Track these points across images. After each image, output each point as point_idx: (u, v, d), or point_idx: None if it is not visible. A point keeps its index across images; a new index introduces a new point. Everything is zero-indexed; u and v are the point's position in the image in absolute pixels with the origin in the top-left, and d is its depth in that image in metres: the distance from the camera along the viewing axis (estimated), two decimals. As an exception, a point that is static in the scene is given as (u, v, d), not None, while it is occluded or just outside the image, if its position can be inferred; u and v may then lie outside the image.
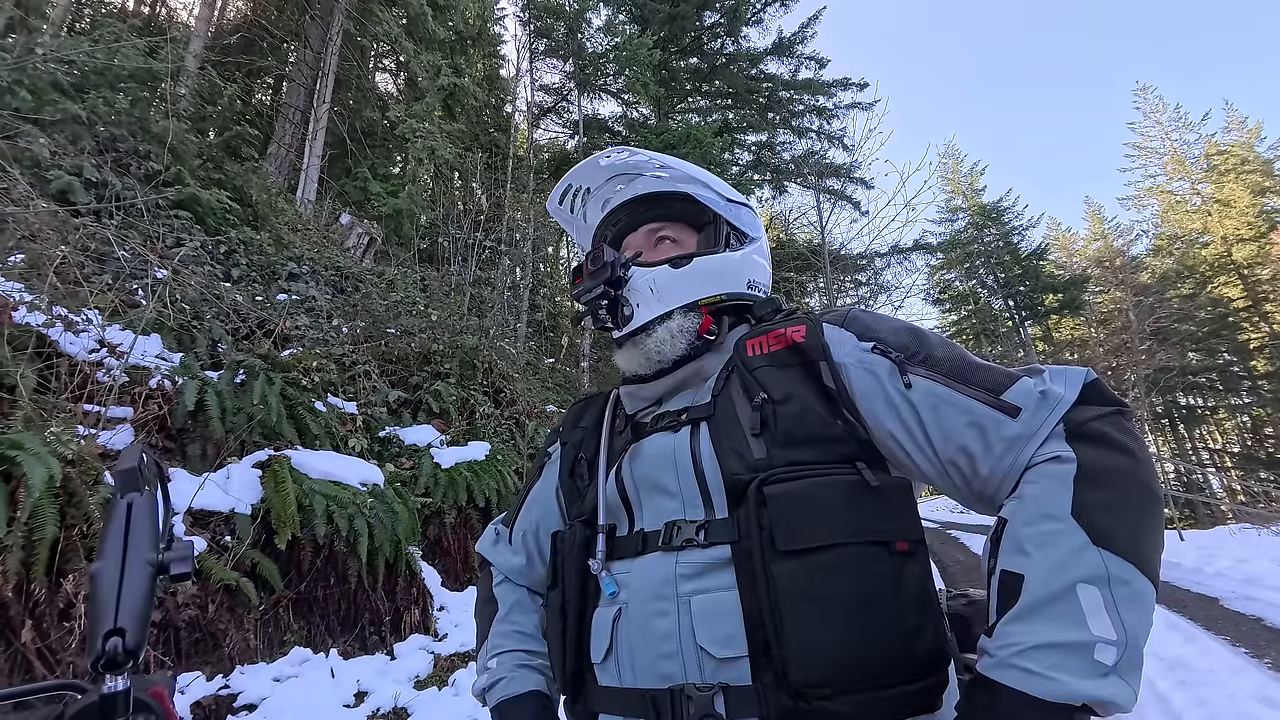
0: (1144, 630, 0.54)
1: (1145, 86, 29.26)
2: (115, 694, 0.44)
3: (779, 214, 18.60)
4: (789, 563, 0.63)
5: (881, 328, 0.77)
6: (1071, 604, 0.54)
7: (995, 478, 0.65)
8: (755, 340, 0.81)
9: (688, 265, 0.87)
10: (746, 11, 14.09)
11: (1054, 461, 0.61)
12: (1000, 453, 0.64)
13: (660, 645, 0.68)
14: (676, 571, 0.70)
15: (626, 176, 0.95)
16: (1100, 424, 0.62)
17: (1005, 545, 0.60)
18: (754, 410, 0.74)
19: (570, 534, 0.83)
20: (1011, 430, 0.64)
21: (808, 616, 0.61)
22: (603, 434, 0.89)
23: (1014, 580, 0.57)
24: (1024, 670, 0.53)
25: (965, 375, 0.69)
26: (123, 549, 0.46)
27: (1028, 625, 0.55)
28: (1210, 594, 5.84)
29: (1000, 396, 0.65)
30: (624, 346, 0.88)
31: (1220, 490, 26.46)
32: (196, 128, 6.39)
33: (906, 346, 0.73)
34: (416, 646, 3.41)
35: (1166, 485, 24.65)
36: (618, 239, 0.97)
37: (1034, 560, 0.57)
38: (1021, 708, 0.52)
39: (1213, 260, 25.68)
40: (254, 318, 4.50)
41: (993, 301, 28.33)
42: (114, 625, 0.43)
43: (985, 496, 0.67)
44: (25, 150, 4.20)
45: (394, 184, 9.73)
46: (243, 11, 11.15)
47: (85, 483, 2.42)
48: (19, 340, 2.79)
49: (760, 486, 0.67)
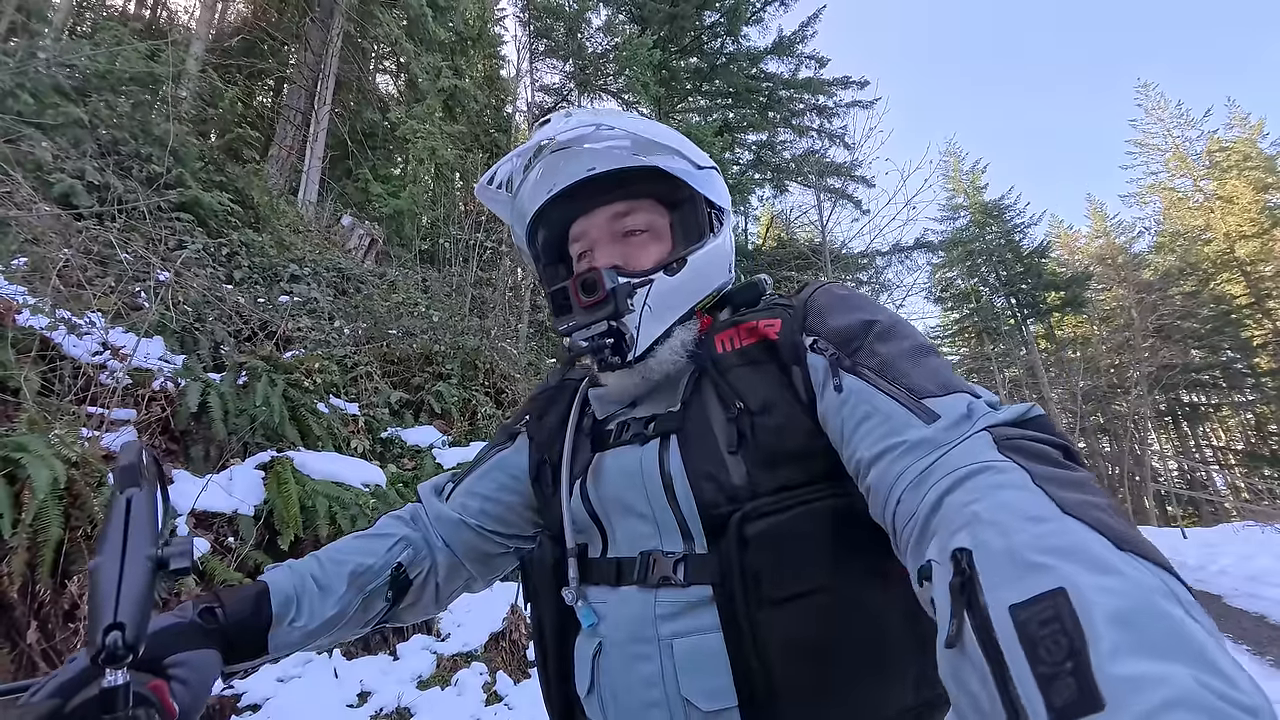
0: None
1: (1147, 83, 29.25)
2: (115, 688, 0.44)
3: (780, 213, 18.60)
4: (777, 611, 0.57)
5: (831, 316, 0.66)
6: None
7: (884, 494, 0.52)
8: (726, 334, 0.71)
9: (683, 269, 0.73)
10: (746, 11, 14.06)
11: (992, 471, 0.45)
12: (892, 460, 0.52)
13: (644, 693, 0.62)
14: (655, 611, 0.63)
15: (571, 149, 0.74)
16: (1042, 446, 0.48)
17: (997, 569, 0.37)
18: (729, 422, 0.65)
19: (540, 554, 0.75)
20: (916, 434, 0.52)
21: (800, 666, 0.56)
22: (566, 440, 0.77)
23: (1050, 605, 0.32)
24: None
25: (896, 373, 0.58)
26: (122, 544, 0.46)
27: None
28: (1213, 591, 5.84)
29: (922, 400, 0.55)
30: (616, 370, 0.73)
31: (1224, 488, 26.38)
32: (198, 130, 6.42)
33: (846, 340, 0.63)
34: (419, 647, 3.41)
35: (1170, 483, 24.60)
36: (565, 224, 0.79)
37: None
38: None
39: (1215, 257, 25.62)
40: (256, 319, 4.51)
41: (995, 299, 28.29)
42: (114, 619, 0.43)
43: (886, 526, 0.54)
44: (28, 154, 4.22)
45: (395, 185, 9.74)
46: (243, 14, 11.18)
47: (89, 484, 2.43)
48: (23, 343, 2.81)
49: (742, 524, 0.59)
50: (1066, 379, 25.90)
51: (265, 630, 0.69)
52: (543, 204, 0.77)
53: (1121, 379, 25.25)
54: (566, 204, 0.76)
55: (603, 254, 0.75)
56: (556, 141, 0.73)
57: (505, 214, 0.84)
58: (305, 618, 0.72)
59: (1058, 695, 0.28)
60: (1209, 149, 27.27)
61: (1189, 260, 26.22)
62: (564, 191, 0.75)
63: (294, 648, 0.72)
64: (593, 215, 0.76)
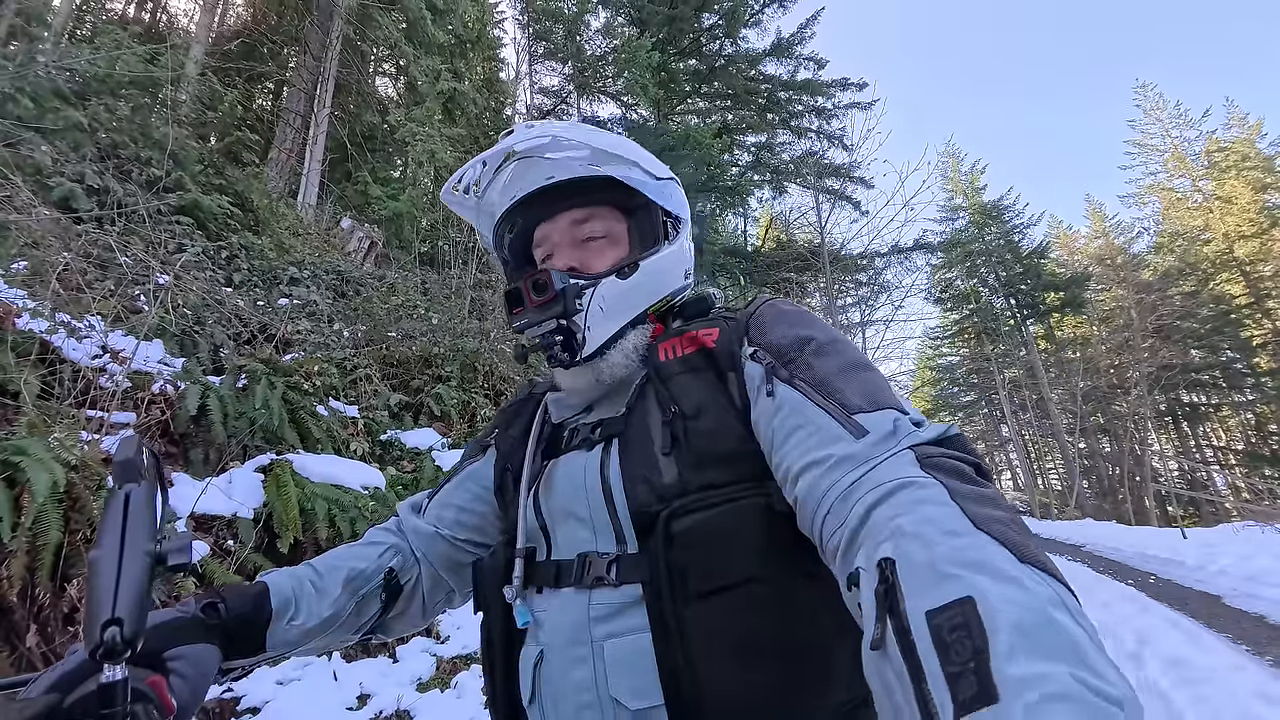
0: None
1: (1145, 84, 29.34)
2: (113, 683, 0.44)
3: (779, 214, 18.63)
4: (701, 604, 0.58)
5: (771, 330, 0.70)
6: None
7: (813, 504, 0.55)
8: (670, 343, 0.74)
9: (635, 273, 0.77)
10: (745, 13, 14.10)
11: (915, 487, 0.48)
12: (821, 472, 0.55)
13: (578, 696, 0.63)
14: (590, 614, 0.65)
15: (533, 158, 0.78)
16: (958, 463, 0.51)
17: (916, 579, 0.39)
18: (664, 425, 0.68)
19: (492, 559, 0.76)
20: (845, 449, 0.54)
21: (724, 661, 0.57)
22: (528, 449, 0.80)
23: (959, 611, 0.36)
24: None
25: (830, 388, 0.60)
26: (120, 539, 0.46)
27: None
28: (1212, 591, 5.83)
29: (853, 415, 0.57)
30: (569, 368, 0.77)
31: (1224, 488, 26.38)
32: (197, 133, 6.43)
33: (784, 352, 0.66)
34: (419, 649, 3.41)
35: (1170, 483, 24.59)
36: (528, 229, 0.83)
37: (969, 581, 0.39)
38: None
39: (1214, 257, 25.66)
40: (255, 322, 4.52)
41: (994, 300, 28.33)
42: (111, 615, 0.43)
43: (809, 531, 0.57)
44: (27, 158, 4.23)
45: (394, 188, 9.76)
46: (243, 17, 11.21)
47: (89, 488, 2.43)
48: (22, 347, 2.81)
49: (669, 521, 0.61)
50: (1066, 379, 25.92)
51: (265, 627, 0.71)
52: (508, 208, 0.81)
53: (1121, 379, 25.27)
54: (531, 209, 0.81)
55: (561, 257, 0.79)
56: (518, 151, 0.77)
57: (470, 216, 0.88)
58: (303, 616, 0.74)
59: (961, 691, 0.32)
60: (1208, 149, 27.33)
61: (1188, 260, 26.25)
62: (527, 197, 0.79)
63: (291, 646, 0.74)
64: (554, 221, 0.80)
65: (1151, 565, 7.84)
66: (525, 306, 0.75)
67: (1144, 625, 4.62)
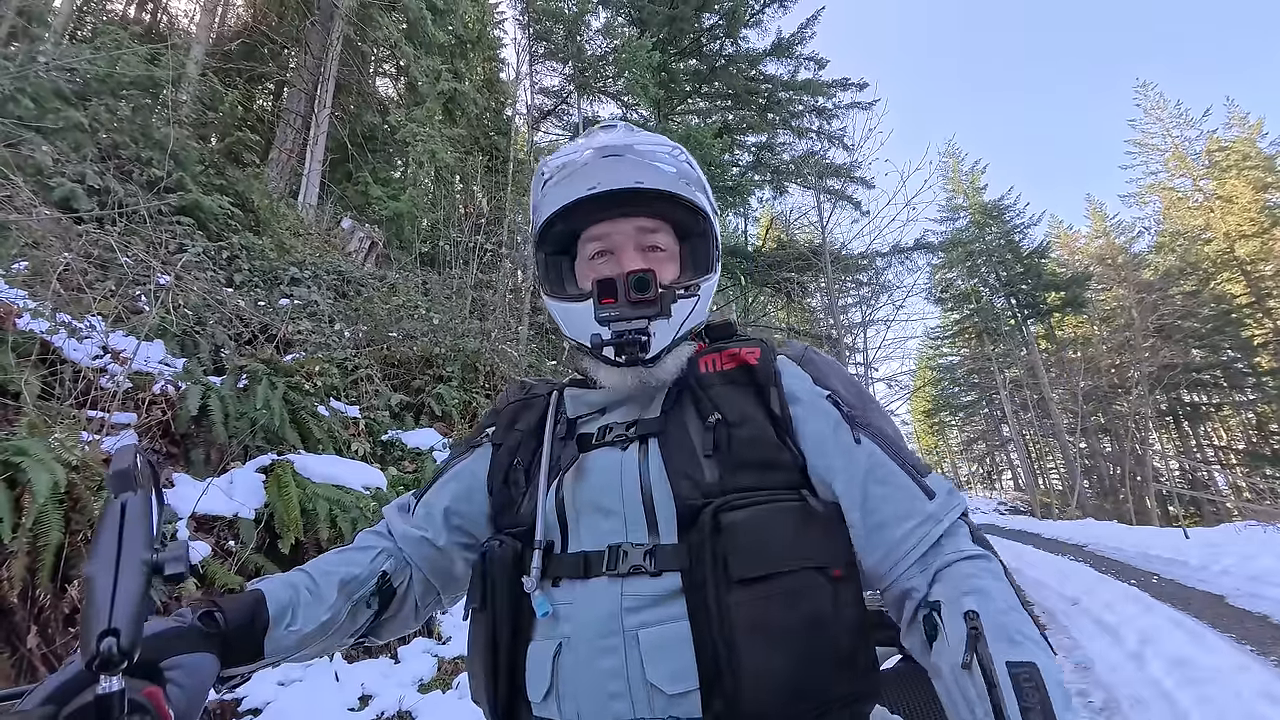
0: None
1: (1146, 83, 29.28)
2: (110, 694, 0.43)
3: (779, 215, 18.60)
4: (742, 591, 0.63)
5: (835, 379, 0.80)
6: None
7: (900, 551, 0.68)
8: (709, 358, 0.81)
9: (697, 292, 0.81)
10: (745, 13, 14.07)
11: (983, 559, 0.66)
12: (911, 527, 0.68)
13: (608, 684, 0.65)
14: (622, 605, 0.67)
15: (619, 157, 0.83)
16: (982, 535, 0.70)
17: (995, 634, 0.57)
18: (707, 430, 0.74)
19: (501, 550, 0.76)
20: (928, 508, 0.68)
21: (760, 645, 0.61)
22: (545, 442, 0.82)
23: (1030, 671, 0.54)
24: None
25: (900, 451, 0.73)
26: (117, 549, 0.46)
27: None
28: (1216, 591, 5.82)
29: (923, 478, 0.71)
30: (618, 368, 0.79)
31: (1225, 487, 26.36)
32: (198, 134, 6.42)
33: (854, 406, 0.77)
34: (420, 650, 3.41)
35: (1171, 483, 24.57)
36: (584, 222, 0.84)
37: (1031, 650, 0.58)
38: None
39: (1215, 257, 25.63)
40: (256, 323, 4.52)
41: (995, 300, 28.30)
42: (108, 625, 0.43)
43: (882, 564, 0.69)
44: (28, 158, 4.23)
45: (395, 188, 9.75)
46: (243, 18, 11.19)
47: (89, 488, 2.43)
48: (23, 347, 2.81)
49: (716, 514, 0.66)
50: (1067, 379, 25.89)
51: (263, 633, 0.70)
52: (579, 198, 0.81)
53: (1122, 379, 25.26)
54: (598, 206, 0.81)
55: (629, 259, 0.81)
56: (612, 147, 0.83)
57: (537, 192, 0.89)
58: (300, 621, 0.74)
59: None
60: (1208, 149, 27.29)
61: (1189, 260, 26.23)
62: (604, 194, 0.80)
63: (288, 652, 0.74)
64: (619, 222, 0.82)
65: (1154, 565, 7.82)
66: (618, 300, 0.75)
67: (1147, 625, 4.61)
